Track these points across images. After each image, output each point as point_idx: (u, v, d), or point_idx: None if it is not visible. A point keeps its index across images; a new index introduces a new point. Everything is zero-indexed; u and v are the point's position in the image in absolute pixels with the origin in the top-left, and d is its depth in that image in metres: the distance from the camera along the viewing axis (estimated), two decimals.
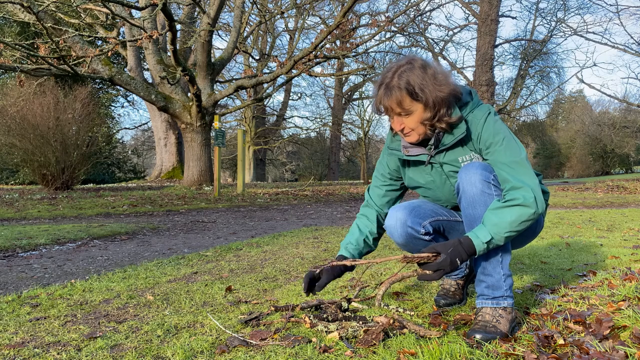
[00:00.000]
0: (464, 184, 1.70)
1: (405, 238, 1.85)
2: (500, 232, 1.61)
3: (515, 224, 1.61)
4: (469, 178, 1.69)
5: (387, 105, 1.70)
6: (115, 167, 23.02)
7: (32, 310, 2.10)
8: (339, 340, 1.59)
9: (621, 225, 4.96)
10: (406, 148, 1.85)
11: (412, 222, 1.83)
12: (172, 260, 3.36)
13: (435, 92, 1.66)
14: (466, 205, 1.72)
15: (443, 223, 1.90)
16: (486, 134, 1.72)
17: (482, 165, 1.70)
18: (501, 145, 1.69)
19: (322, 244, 4.05)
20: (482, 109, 1.76)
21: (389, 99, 1.68)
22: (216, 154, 10.78)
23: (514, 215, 1.61)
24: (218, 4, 11.95)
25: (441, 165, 1.83)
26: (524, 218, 1.62)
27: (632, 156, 32.09)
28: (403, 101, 1.68)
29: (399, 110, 1.70)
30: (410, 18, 18.84)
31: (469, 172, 1.70)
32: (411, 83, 1.66)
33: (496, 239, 1.62)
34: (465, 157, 1.78)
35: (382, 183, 2.02)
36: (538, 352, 1.44)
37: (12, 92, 12.23)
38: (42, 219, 6.61)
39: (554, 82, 28.23)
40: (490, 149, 1.71)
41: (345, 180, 31.86)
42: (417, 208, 1.87)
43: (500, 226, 1.61)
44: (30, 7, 7.68)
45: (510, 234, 1.62)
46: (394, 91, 1.67)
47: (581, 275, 2.51)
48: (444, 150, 1.79)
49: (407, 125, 1.73)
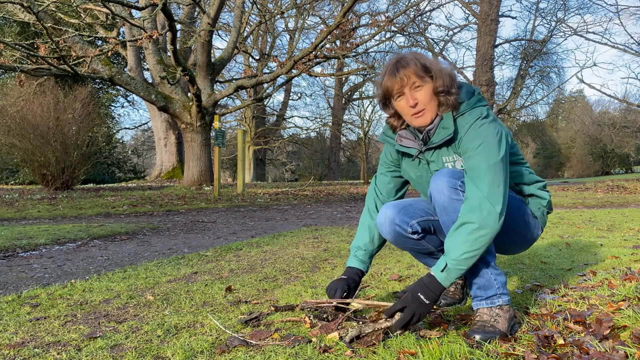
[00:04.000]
0: (433, 192, 1.74)
1: (393, 236, 1.88)
2: (456, 257, 1.61)
3: (468, 244, 1.61)
4: (437, 186, 1.72)
5: (403, 75, 1.73)
6: (115, 167, 23.02)
7: (32, 310, 2.10)
8: (338, 341, 1.59)
9: (621, 225, 4.96)
10: (400, 137, 1.89)
11: (400, 221, 1.84)
12: (172, 260, 3.36)
13: (440, 67, 1.77)
14: (440, 212, 1.75)
15: (434, 223, 1.91)
16: (467, 139, 1.73)
17: (450, 172, 1.72)
18: (475, 150, 1.69)
19: (322, 244, 4.05)
20: (472, 113, 1.75)
21: (406, 69, 1.74)
22: (216, 154, 10.78)
23: (463, 236, 1.61)
24: (218, 4, 11.95)
25: (428, 162, 1.86)
26: (474, 236, 1.60)
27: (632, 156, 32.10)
28: (418, 71, 1.74)
29: (414, 80, 1.74)
30: (410, 18, 18.84)
31: (436, 180, 1.73)
32: (421, 59, 1.77)
33: (454, 265, 1.61)
34: (448, 159, 1.80)
35: (387, 169, 2.05)
36: (538, 352, 1.44)
37: (12, 92, 12.23)
38: (42, 219, 6.61)
39: (554, 82, 28.25)
40: (467, 154, 1.72)
41: (345, 180, 31.85)
42: (408, 207, 1.88)
43: (456, 251, 1.62)
44: (30, 7, 7.68)
45: (468, 254, 1.61)
46: (410, 63, 1.75)
47: (581, 275, 2.51)
48: (433, 149, 1.82)
49: (420, 99, 1.75)
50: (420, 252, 1.97)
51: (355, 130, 30.04)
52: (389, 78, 1.76)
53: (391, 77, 1.76)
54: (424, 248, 1.94)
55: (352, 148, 33.39)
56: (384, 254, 3.45)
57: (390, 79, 1.76)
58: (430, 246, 1.95)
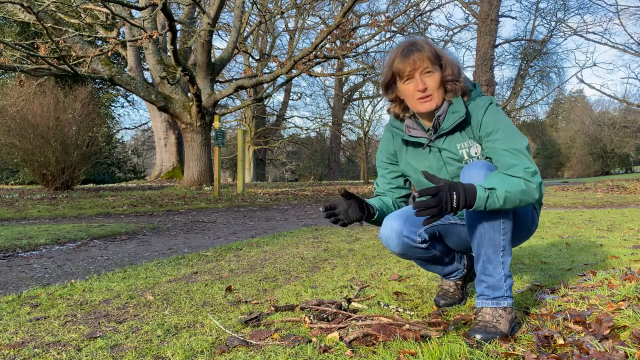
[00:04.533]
0: (469, 182, 1.68)
1: (401, 248, 1.84)
2: (501, 189, 1.57)
3: (515, 191, 1.59)
4: (474, 177, 1.67)
5: (417, 58, 1.72)
6: (115, 167, 23.03)
7: (32, 310, 2.10)
8: (338, 341, 1.59)
9: (621, 225, 4.96)
10: (408, 128, 1.87)
11: (408, 232, 1.81)
12: (172, 260, 3.36)
13: (449, 57, 1.78)
14: None
15: (438, 228, 1.90)
16: (487, 122, 1.74)
17: (486, 165, 1.70)
18: (503, 132, 1.71)
19: (322, 244, 4.05)
20: (484, 99, 1.79)
21: (421, 52, 1.73)
22: (216, 154, 10.78)
23: (515, 181, 1.60)
24: (218, 4, 11.95)
25: (440, 150, 1.84)
26: (523, 187, 1.60)
27: (632, 156, 32.12)
28: (431, 57, 1.74)
29: (427, 65, 1.73)
30: (410, 18, 18.82)
31: (472, 171, 1.69)
32: (434, 46, 1.78)
33: (498, 193, 1.57)
34: (463, 145, 1.79)
35: (386, 171, 2.03)
36: (538, 352, 1.44)
37: (12, 92, 12.24)
38: (42, 219, 6.61)
39: (554, 82, 28.26)
40: (492, 137, 1.72)
41: (345, 180, 31.86)
42: (412, 216, 1.84)
43: (502, 183, 1.59)
44: (30, 7, 7.68)
45: (508, 195, 1.58)
46: (425, 47, 1.75)
47: (581, 275, 2.51)
48: (444, 135, 1.81)
49: (429, 85, 1.74)
50: (427, 260, 1.97)
51: (355, 130, 30.06)
52: (401, 60, 1.75)
53: (403, 59, 1.74)
54: (431, 256, 1.93)
55: (352, 148, 33.39)
56: (384, 254, 3.45)
57: (402, 60, 1.74)
58: (437, 252, 1.94)
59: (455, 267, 2.08)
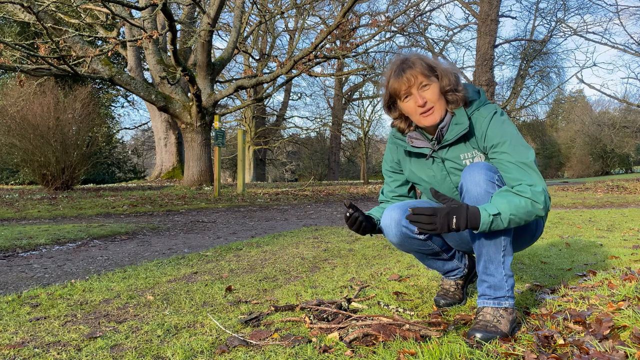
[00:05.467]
0: (468, 183, 1.69)
1: (399, 237, 1.85)
2: (506, 213, 1.59)
3: (521, 213, 1.60)
4: (473, 178, 1.68)
5: (409, 76, 1.73)
6: (115, 167, 23.03)
7: (32, 310, 2.10)
8: (338, 341, 1.59)
9: (621, 225, 4.96)
10: (411, 139, 1.87)
11: (407, 222, 1.82)
12: (172, 260, 3.36)
13: (444, 66, 1.78)
14: (471, 204, 1.71)
15: None
16: (492, 133, 1.73)
17: (487, 166, 1.69)
18: (510, 145, 1.70)
19: (322, 244, 4.05)
20: (488, 108, 1.78)
21: (412, 69, 1.73)
22: (216, 154, 10.78)
23: (521, 202, 1.61)
24: (218, 4, 11.95)
25: (443, 160, 1.84)
26: (529, 209, 1.61)
27: (632, 156, 32.12)
28: (424, 70, 1.74)
29: (422, 80, 1.73)
30: (410, 18, 18.84)
31: (473, 171, 1.69)
32: (425, 59, 1.77)
33: (502, 217, 1.59)
34: (467, 155, 1.79)
35: (390, 179, 2.05)
36: (538, 352, 1.44)
37: (12, 92, 12.25)
38: (42, 219, 6.61)
39: (554, 82, 28.25)
40: (498, 149, 1.71)
41: (345, 180, 31.85)
42: (412, 207, 1.86)
43: (508, 206, 1.60)
44: (30, 7, 7.68)
45: (513, 217, 1.60)
46: (416, 62, 1.74)
47: (581, 275, 2.51)
48: (447, 146, 1.81)
49: (428, 98, 1.74)
50: (425, 253, 1.97)
51: (355, 130, 30.07)
52: (395, 80, 1.75)
53: (397, 79, 1.74)
54: (429, 249, 1.94)
55: (352, 148, 33.40)
56: (384, 254, 3.46)
57: (396, 80, 1.75)
58: (436, 246, 1.94)
59: (456, 265, 2.08)
